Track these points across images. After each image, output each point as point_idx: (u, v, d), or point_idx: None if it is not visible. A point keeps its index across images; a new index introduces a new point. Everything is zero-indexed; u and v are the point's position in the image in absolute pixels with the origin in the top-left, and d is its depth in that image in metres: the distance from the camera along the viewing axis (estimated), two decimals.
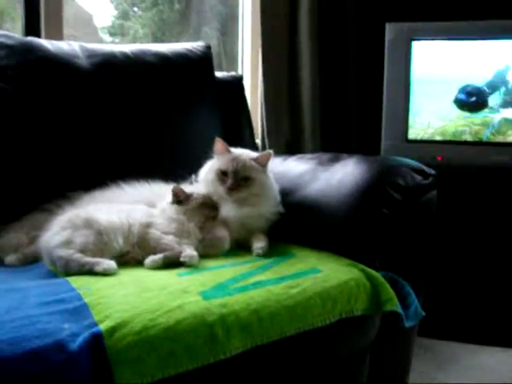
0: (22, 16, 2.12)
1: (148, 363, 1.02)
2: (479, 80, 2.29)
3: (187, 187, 1.55)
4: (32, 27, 2.10)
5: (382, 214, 1.47)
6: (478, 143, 2.31)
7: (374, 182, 1.50)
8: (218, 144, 1.62)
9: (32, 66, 1.76)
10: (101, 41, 2.94)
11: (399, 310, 1.39)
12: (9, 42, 1.78)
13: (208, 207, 1.53)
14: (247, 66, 2.78)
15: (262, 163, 1.60)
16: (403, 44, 2.37)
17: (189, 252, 1.36)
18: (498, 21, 2.34)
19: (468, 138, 2.31)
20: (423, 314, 1.47)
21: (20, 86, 1.74)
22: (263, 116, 2.57)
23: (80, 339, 0.98)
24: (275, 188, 1.64)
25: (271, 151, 1.62)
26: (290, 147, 2.60)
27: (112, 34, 3.06)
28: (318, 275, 1.34)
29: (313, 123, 2.62)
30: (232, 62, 2.91)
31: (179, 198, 1.49)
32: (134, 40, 2.96)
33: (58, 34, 2.13)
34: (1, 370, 0.91)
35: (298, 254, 1.48)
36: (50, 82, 1.77)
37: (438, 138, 2.36)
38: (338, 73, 2.69)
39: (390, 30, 2.37)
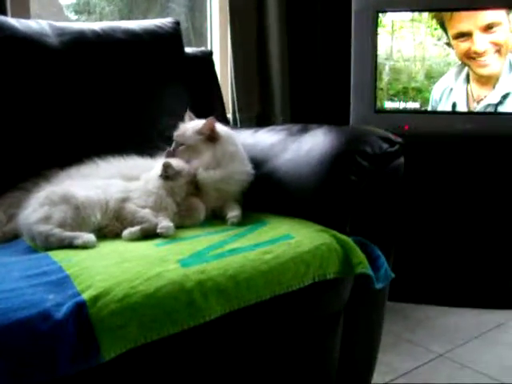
0: None
1: (130, 329, 1.07)
2: None
3: (173, 161, 1.58)
4: None
5: (350, 181, 1.52)
6: (443, 112, 2.39)
7: (342, 151, 1.55)
8: (186, 115, 1.72)
9: (2, 45, 1.76)
10: (66, 19, 2.91)
11: (370, 272, 1.45)
12: None
13: (193, 185, 1.57)
14: (216, 41, 2.79)
15: (205, 131, 1.64)
16: (369, 15, 2.42)
17: (165, 223, 1.40)
18: None
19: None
20: (393, 275, 1.53)
21: None
22: (233, 90, 2.60)
23: (64, 308, 1.03)
24: (240, 153, 1.69)
25: (213, 118, 1.64)
26: (261, 120, 2.65)
27: (78, 12, 3.02)
28: (291, 241, 1.40)
29: (282, 96, 2.67)
30: (200, 37, 2.91)
31: (167, 174, 1.52)
32: (101, 18, 2.94)
33: (24, 13, 2.13)
34: None
35: (271, 222, 1.53)
36: (19, 60, 1.78)
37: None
38: (307, 45, 2.74)
39: (356, 1, 2.42)
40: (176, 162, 1.56)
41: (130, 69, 1.96)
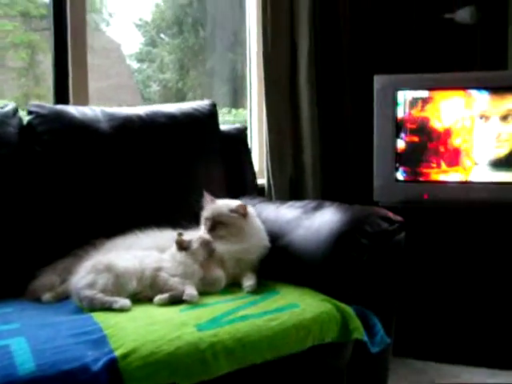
0: (52, 86, 2.48)
1: (153, 381, 1.33)
2: None
3: (189, 233, 1.86)
4: (62, 95, 2.46)
5: (351, 256, 1.76)
6: (460, 182, 2.59)
7: (345, 230, 1.80)
8: (206, 197, 2.01)
9: (62, 132, 2.09)
10: (128, 68, 3.13)
11: (364, 338, 1.68)
12: (42, 111, 2.11)
13: (206, 246, 1.83)
14: (255, 107, 3.08)
15: (239, 213, 1.94)
16: (389, 94, 2.66)
17: (190, 291, 1.66)
18: (475, 73, 2.65)
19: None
20: (388, 341, 1.75)
21: (52, 149, 2.06)
22: (268, 158, 2.88)
23: (100, 363, 1.29)
24: (259, 229, 1.97)
25: (245, 205, 1.96)
26: (294, 185, 2.91)
27: (139, 61, 3.28)
28: (296, 310, 1.64)
29: (313, 164, 2.92)
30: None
31: (182, 246, 1.80)
32: (161, 66, 3.15)
33: (84, 101, 2.48)
34: None
35: (282, 291, 1.77)
36: (76, 144, 2.09)
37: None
38: (335, 119, 3.00)
39: (378, 81, 2.67)
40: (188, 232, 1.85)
41: (169, 149, 2.25)
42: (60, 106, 2.22)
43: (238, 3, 3.04)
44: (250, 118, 3.11)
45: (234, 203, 1.98)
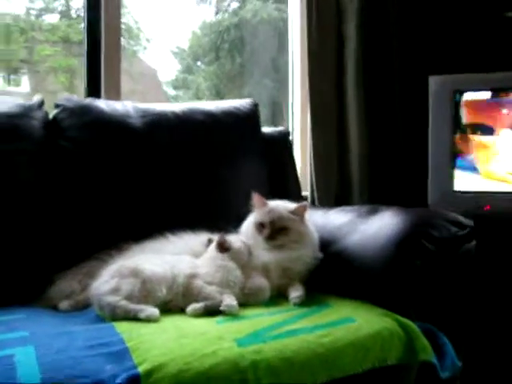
0: (84, 79, 2.32)
1: None
2: None
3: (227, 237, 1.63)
4: (94, 89, 2.29)
5: (415, 265, 1.51)
6: None
7: (408, 234, 1.54)
8: (255, 198, 1.73)
9: (89, 126, 1.92)
10: (165, 94, 3.09)
11: (433, 359, 1.41)
12: (69, 104, 1.94)
13: (247, 248, 1.61)
14: (297, 119, 2.87)
15: (298, 213, 1.70)
16: (447, 96, 2.42)
17: (229, 301, 1.43)
18: None
19: None
20: (459, 364, 1.48)
21: (79, 145, 1.89)
22: (312, 170, 2.64)
23: (119, 380, 1.06)
24: (314, 235, 1.72)
25: (306, 203, 1.71)
26: (339, 200, 2.66)
27: (175, 88, 3.26)
28: (352, 324, 1.39)
29: (361, 178, 2.66)
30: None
31: (224, 246, 1.57)
32: (197, 93, 3.10)
33: (116, 96, 2.30)
34: None
35: (333, 304, 1.53)
36: (105, 140, 1.92)
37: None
38: (385, 127, 2.74)
39: (433, 82, 2.43)
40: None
41: (206, 148, 2.05)
42: (88, 100, 2.05)
43: (276, 29, 3.03)
44: (292, 134, 2.88)
45: (290, 204, 1.74)
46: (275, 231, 1.66)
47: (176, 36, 3.03)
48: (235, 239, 1.62)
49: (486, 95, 2.39)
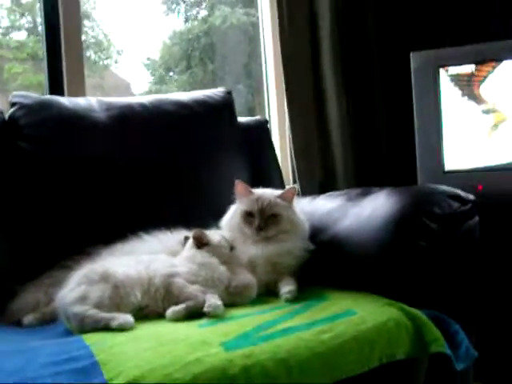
0: (46, 77, 2.15)
1: None
2: None
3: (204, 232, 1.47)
4: (55, 87, 2.12)
5: (418, 246, 1.35)
6: None
7: (408, 213, 1.39)
8: (238, 186, 1.57)
9: (49, 123, 1.75)
10: None
11: (447, 350, 1.25)
12: (26, 101, 1.78)
13: (226, 247, 1.45)
14: (274, 111, 2.72)
15: (287, 199, 1.55)
16: (430, 72, 2.28)
17: (213, 301, 1.26)
18: None
19: None
20: (476, 354, 1.32)
21: (39, 143, 1.73)
22: (293, 159, 2.50)
23: None
24: (304, 224, 1.57)
25: (295, 186, 1.55)
26: (324, 189, 2.51)
27: None
28: (353, 317, 1.23)
29: (345, 162, 2.52)
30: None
31: (202, 241, 1.41)
32: None
33: (80, 94, 2.13)
34: None
35: (330, 297, 1.37)
36: (67, 136, 1.75)
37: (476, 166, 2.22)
38: (367, 108, 2.61)
39: (415, 58, 2.29)
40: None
41: (179, 139, 1.89)
42: (48, 96, 1.89)
43: (245, 35, 3.02)
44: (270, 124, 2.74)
45: (276, 191, 1.59)
46: (265, 221, 1.50)
47: (147, 47, 2.97)
48: (213, 233, 1.46)
49: (469, 68, 2.26)
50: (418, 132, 2.28)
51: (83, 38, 2.24)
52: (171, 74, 3.14)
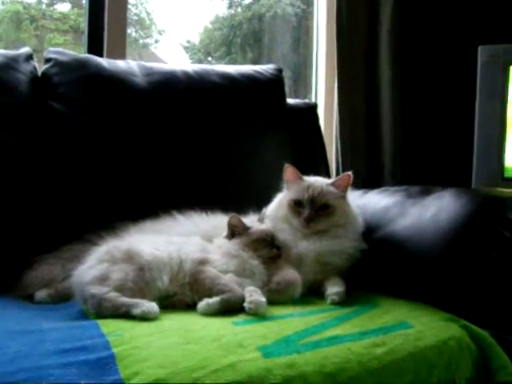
0: (85, 37, 2.02)
1: None
2: None
3: (246, 220, 1.31)
4: (95, 48, 1.98)
5: (490, 257, 1.18)
6: None
7: (481, 218, 1.22)
8: (289, 171, 1.41)
9: (84, 82, 1.61)
10: None
11: None
12: (62, 58, 1.64)
13: (267, 245, 1.28)
14: (321, 95, 2.55)
15: (341, 188, 1.38)
16: (498, 68, 2.09)
17: (255, 297, 1.10)
18: None
19: None
20: None
21: (70, 105, 1.60)
22: (338, 151, 2.33)
23: None
24: (358, 218, 1.40)
25: (350, 173, 1.37)
26: (367, 186, 2.34)
27: None
28: (409, 331, 1.08)
29: (393, 160, 2.36)
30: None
31: (237, 231, 1.25)
32: None
33: (120, 57, 1.99)
34: None
35: (382, 304, 1.21)
36: (102, 99, 1.62)
37: None
38: (423, 104, 2.43)
39: (483, 52, 2.10)
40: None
41: (222, 115, 1.74)
42: (86, 55, 1.74)
43: (289, 26, 2.97)
44: None
45: (327, 180, 1.43)
46: (316, 212, 1.33)
47: (188, 30, 2.94)
48: (254, 222, 1.30)
49: None
50: (478, 132, 2.10)
51: None
52: (210, 58, 3.09)
